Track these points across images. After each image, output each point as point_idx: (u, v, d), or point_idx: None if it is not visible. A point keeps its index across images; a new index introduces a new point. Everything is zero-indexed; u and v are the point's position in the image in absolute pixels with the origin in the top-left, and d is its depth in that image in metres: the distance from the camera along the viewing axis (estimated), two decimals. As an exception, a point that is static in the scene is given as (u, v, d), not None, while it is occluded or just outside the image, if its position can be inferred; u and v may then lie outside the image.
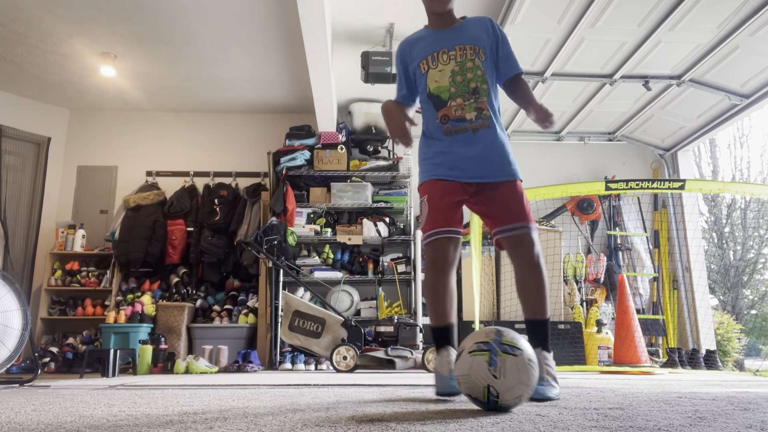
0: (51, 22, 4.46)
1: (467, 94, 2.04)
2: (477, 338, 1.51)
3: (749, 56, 4.23)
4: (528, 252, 1.98)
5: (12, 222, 5.53)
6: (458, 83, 2.06)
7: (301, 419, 1.36)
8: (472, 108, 2.03)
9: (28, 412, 1.56)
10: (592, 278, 5.40)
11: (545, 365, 1.88)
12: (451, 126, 2.04)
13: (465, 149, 2.01)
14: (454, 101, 2.04)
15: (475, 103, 2.03)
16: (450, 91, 2.06)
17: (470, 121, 2.02)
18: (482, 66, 2.08)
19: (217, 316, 5.23)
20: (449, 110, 2.05)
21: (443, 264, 2.01)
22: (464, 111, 2.04)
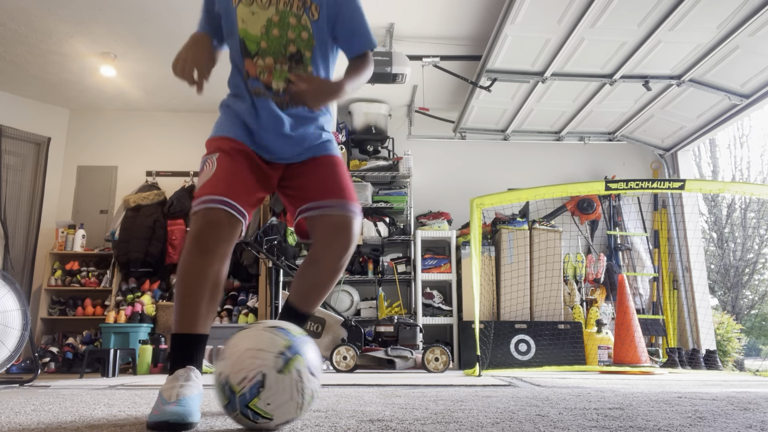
0: (51, 22, 4.45)
1: (281, 57, 1.56)
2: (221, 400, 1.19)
3: (749, 56, 4.23)
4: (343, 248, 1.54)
5: (12, 222, 5.53)
6: (273, 38, 1.55)
7: (302, 419, 1.36)
8: (281, 77, 1.56)
9: (28, 412, 1.56)
10: (592, 278, 5.40)
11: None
12: (255, 86, 1.57)
13: (271, 124, 1.56)
14: (262, 60, 1.56)
15: (288, 71, 1.56)
16: (260, 45, 1.56)
17: (276, 92, 1.56)
18: (311, 27, 1.57)
19: (216, 316, 5.23)
20: (253, 67, 1.56)
21: (212, 244, 1.40)
22: (271, 77, 1.56)
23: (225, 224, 1.42)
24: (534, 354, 4.64)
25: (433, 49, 4.75)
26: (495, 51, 4.33)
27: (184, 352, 1.39)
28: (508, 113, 5.58)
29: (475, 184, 5.55)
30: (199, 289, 1.38)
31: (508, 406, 1.63)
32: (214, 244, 1.40)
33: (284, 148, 1.58)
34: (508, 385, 2.69)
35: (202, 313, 1.39)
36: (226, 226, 1.42)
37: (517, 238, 5.15)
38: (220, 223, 1.41)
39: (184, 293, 1.39)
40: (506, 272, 5.07)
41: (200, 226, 1.40)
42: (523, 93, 5.11)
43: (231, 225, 1.43)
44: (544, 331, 4.71)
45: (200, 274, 1.39)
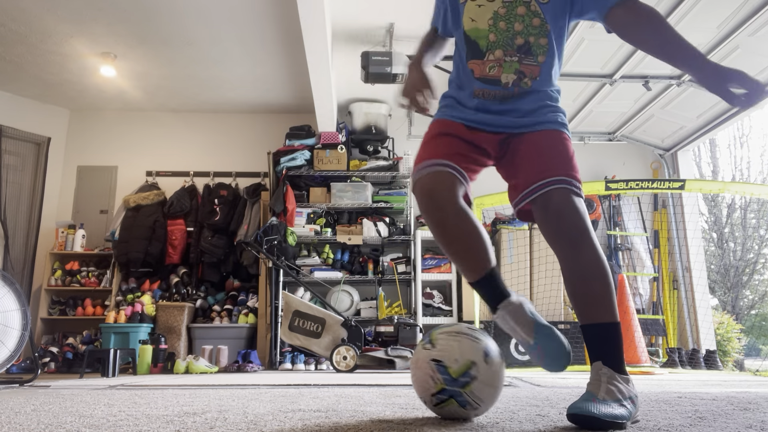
0: (51, 22, 4.45)
1: (510, 50, 1.47)
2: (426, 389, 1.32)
3: (749, 56, 4.23)
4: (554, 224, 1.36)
5: (12, 222, 5.53)
6: (501, 31, 1.47)
7: (301, 419, 1.36)
8: (511, 69, 1.47)
9: (28, 412, 1.56)
10: (592, 278, 5.40)
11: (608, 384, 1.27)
12: (479, 87, 1.50)
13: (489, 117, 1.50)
14: (492, 54, 1.48)
15: (518, 63, 1.47)
16: (488, 39, 1.48)
17: (505, 85, 1.47)
18: (542, 12, 1.47)
19: (217, 316, 5.23)
20: (483, 66, 1.49)
21: (444, 197, 1.38)
22: (501, 69, 1.47)
23: (441, 180, 1.39)
24: (534, 354, 4.64)
25: (433, 49, 4.74)
26: (495, 51, 4.32)
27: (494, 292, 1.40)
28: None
29: (475, 184, 5.51)
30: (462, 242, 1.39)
31: (508, 406, 1.63)
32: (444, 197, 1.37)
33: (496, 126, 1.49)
34: (508, 385, 2.69)
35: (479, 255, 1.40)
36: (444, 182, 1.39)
37: (517, 238, 5.15)
38: (441, 179, 1.38)
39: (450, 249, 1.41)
40: (506, 272, 5.07)
41: (421, 197, 1.40)
42: (523, 93, 5.10)
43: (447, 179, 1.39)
44: (544, 331, 4.71)
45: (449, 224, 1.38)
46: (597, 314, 1.32)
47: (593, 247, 1.34)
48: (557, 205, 1.34)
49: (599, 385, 1.26)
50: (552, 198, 1.35)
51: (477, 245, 1.39)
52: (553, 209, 1.34)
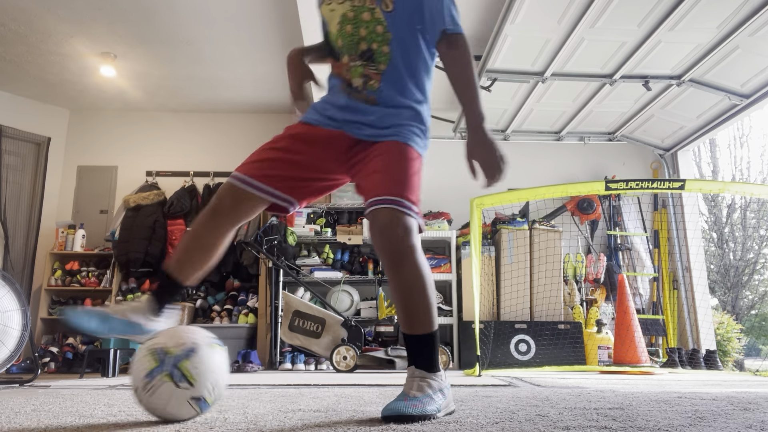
0: (51, 22, 4.45)
1: (354, 55, 1.52)
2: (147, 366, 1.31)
3: (749, 56, 4.23)
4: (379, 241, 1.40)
5: (12, 222, 5.53)
6: (346, 36, 1.51)
7: (301, 419, 1.36)
8: (357, 73, 1.51)
9: (28, 412, 1.56)
10: (592, 278, 5.40)
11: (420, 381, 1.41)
12: (336, 84, 1.58)
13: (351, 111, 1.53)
14: (342, 58, 1.54)
15: (362, 68, 1.51)
16: (337, 44, 1.54)
17: (357, 88, 1.52)
18: (384, 20, 1.48)
19: (217, 316, 5.23)
20: (339, 68, 1.56)
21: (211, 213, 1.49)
22: (350, 74, 1.53)
23: (228, 198, 1.48)
24: (534, 354, 4.64)
25: (433, 49, 4.74)
26: (495, 51, 4.32)
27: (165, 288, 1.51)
28: (508, 113, 5.58)
29: (475, 184, 5.49)
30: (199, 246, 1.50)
31: (508, 406, 1.63)
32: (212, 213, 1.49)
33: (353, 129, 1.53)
34: (508, 385, 2.69)
35: (193, 268, 1.50)
36: (230, 201, 1.48)
37: (517, 238, 5.14)
38: (236, 199, 1.48)
39: (183, 241, 1.52)
40: (506, 272, 5.06)
41: (219, 192, 1.50)
42: (523, 93, 5.11)
43: (237, 199, 1.48)
44: (544, 331, 4.71)
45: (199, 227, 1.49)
46: (415, 327, 1.44)
47: (414, 266, 1.39)
48: (382, 225, 1.38)
49: (412, 385, 1.41)
50: (379, 217, 1.38)
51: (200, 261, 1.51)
52: (378, 228, 1.38)
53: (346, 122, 1.52)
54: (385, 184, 1.41)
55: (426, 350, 1.44)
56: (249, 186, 1.47)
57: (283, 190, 1.50)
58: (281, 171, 1.50)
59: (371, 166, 1.47)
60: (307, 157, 1.52)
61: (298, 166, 1.52)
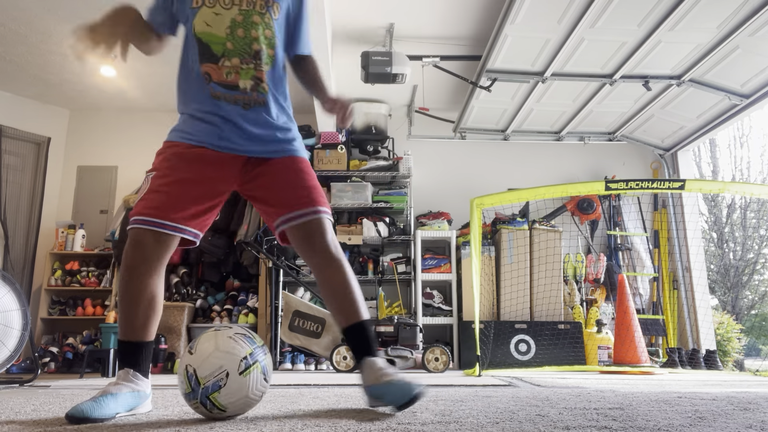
0: (51, 22, 4.46)
1: (247, 57, 1.59)
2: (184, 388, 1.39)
3: (749, 56, 4.23)
4: (323, 242, 1.62)
5: (12, 222, 5.53)
6: (238, 39, 1.59)
7: (301, 419, 1.36)
8: (248, 75, 1.59)
9: (28, 412, 1.56)
10: (592, 278, 5.40)
11: (380, 372, 1.51)
12: (218, 91, 1.59)
13: (233, 121, 1.59)
14: (228, 60, 1.58)
15: (254, 70, 1.59)
16: (225, 47, 1.58)
17: (243, 90, 1.59)
18: (273, 26, 1.64)
19: (217, 316, 5.23)
20: (219, 71, 1.58)
21: (138, 262, 1.50)
22: (238, 76, 1.58)
23: (150, 243, 1.50)
24: (534, 354, 4.64)
25: (433, 49, 4.75)
26: (495, 51, 4.33)
27: (124, 356, 1.52)
28: (508, 113, 5.58)
29: (475, 184, 5.55)
30: (131, 303, 1.51)
31: (508, 406, 1.63)
32: (140, 262, 1.50)
33: (246, 144, 1.60)
34: (508, 385, 2.69)
35: (138, 323, 1.51)
36: (151, 245, 1.50)
37: (517, 238, 5.15)
38: (144, 242, 1.50)
39: (121, 306, 1.53)
40: (506, 272, 5.07)
41: (127, 245, 1.52)
42: (523, 93, 5.11)
43: (158, 242, 1.51)
44: (544, 331, 4.71)
45: (130, 290, 1.50)
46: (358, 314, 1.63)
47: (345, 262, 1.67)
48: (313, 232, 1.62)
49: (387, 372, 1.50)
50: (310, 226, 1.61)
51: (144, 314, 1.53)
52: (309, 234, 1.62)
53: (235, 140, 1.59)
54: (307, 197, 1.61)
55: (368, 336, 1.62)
56: (166, 228, 1.50)
57: (195, 226, 1.57)
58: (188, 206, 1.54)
59: (277, 182, 1.61)
60: (205, 187, 1.57)
61: (200, 198, 1.56)
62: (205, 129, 1.59)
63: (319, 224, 1.62)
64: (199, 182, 1.56)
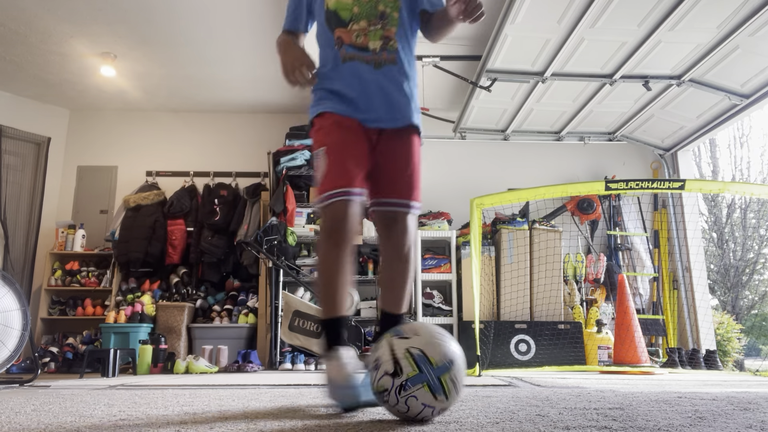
0: (51, 22, 4.45)
1: (374, 18, 1.67)
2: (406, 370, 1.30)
3: (749, 56, 4.23)
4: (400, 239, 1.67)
5: (12, 222, 5.53)
6: (363, 3, 1.68)
7: (301, 419, 1.36)
8: (377, 36, 1.66)
9: (28, 412, 1.56)
10: (592, 278, 5.40)
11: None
12: (349, 52, 1.66)
13: (365, 83, 1.65)
14: (356, 23, 1.67)
15: (382, 30, 1.67)
16: (353, 11, 1.67)
17: (373, 51, 1.65)
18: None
19: (217, 316, 5.23)
20: (349, 33, 1.67)
21: (345, 235, 1.55)
22: (367, 38, 1.66)
23: (352, 214, 1.55)
24: (534, 354, 4.64)
25: (433, 49, 4.75)
26: (495, 51, 4.32)
27: (337, 334, 1.59)
28: (508, 113, 5.58)
29: (475, 184, 5.55)
30: (339, 278, 1.57)
31: (508, 406, 1.63)
32: (346, 235, 1.55)
33: (380, 108, 1.66)
34: (508, 385, 2.69)
35: (344, 297, 1.59)
36: (353, 216, 1.56)
37: (517, 238, 5.14)
38: (347, 214, 1.54)
39: (328, 283, 1.58)
40: (506, 272, 5.06)
41: (331, 222, 1.55)
42: (523, 93, 5.11)
43: (356, 212, 1.57)
44: (544, 331, 4.71)
45: (339, 264, 1.55)
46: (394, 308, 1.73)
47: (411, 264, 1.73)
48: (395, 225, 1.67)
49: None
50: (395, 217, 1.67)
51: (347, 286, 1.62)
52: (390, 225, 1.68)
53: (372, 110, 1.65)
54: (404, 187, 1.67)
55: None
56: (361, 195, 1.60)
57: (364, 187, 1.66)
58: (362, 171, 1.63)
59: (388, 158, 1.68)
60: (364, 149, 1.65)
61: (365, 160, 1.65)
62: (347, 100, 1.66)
63: (403, 219, 1.67)
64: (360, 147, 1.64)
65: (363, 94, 1.65)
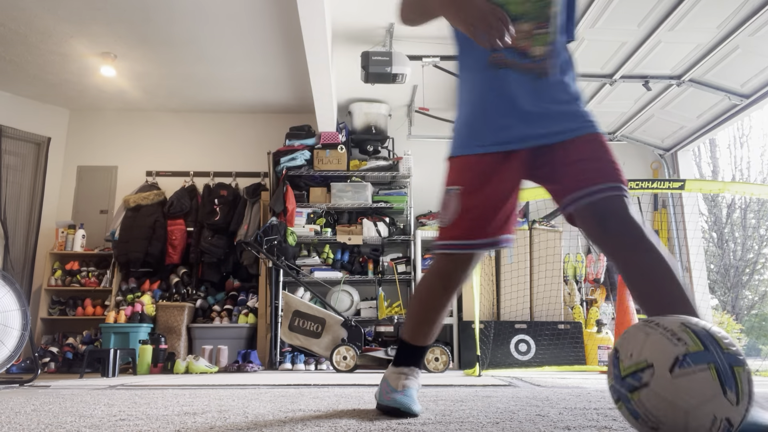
0: (51, 22, 4.45)
1: (543, 21, 1.32)
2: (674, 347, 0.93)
3: (749, 56, 4.23)
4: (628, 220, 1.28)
5: (12, 222, 5.53)
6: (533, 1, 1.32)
7: (301, 419, 1.36)
8: (543, 41, 1.32)
9: (28, 412, 1.56)
10: (592, 278, 5.40)
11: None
12: (506, 57, 1.34)
13: (524, 95, 1.34)
14: (523, 24, 1.32)
15: (549, 36, 1.32)
16: (523, 7, 1.32)
17: (535, 59, 1.33)
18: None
19: (217, 316, 5.23)
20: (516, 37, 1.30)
21: (457, 282, 1.47)
22: (531, 43, 1.32)
23: (469, 263, 1.45)
24: (534, 354, 4.64)
25: (433, 49, 4.75)
26: (495, 51, 4.32)
27: (412, 357, 1.56)
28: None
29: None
30: (438, 315, 1.52)
31: (508, 406, 1.63)
32: (458, 281, 1.48)
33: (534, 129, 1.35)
34: (508, 385, 2.69)
35: (435, 331, 1.54)
36: (470, 264, 1.46)
37: (517, 238, 5.15)
38: (465, 263, 1.44)
39: (425, 315, 1.52)
40: (506, 272, 5.07)
41: (446, 266, 1.46)
42: (523, 93, 5.10)
43: (474, 260, 1.47)
44: (544, 331, 4.71)
45: (442, 305, 1.50)
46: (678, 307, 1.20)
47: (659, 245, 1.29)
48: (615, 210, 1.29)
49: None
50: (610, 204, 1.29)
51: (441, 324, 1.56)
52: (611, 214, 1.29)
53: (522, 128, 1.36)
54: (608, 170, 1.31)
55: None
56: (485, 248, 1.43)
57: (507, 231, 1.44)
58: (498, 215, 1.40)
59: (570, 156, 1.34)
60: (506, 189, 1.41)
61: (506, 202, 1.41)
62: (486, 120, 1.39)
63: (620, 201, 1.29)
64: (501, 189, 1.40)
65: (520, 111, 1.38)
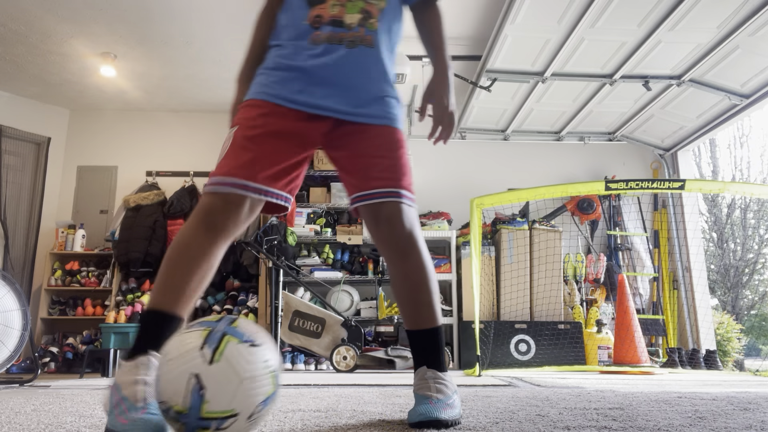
0: (51, 22, 4.45)
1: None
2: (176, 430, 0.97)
3: (749, 56, 4.23)
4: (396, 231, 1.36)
5: (12, 222, 5.53)
6: None
7: (301, 419, 1.36)
8: (356, 8, 1.37)
9: (28, 412, 1.56)
10: (592, 278, 5.40)
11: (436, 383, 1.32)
12: (325, 33, 1.35)
13: (330, 67, 1.34)
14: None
15: (362, 2, 1.38)
16: None
17: (349, 26, 1.35)
18: None
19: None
20: (325, 8, 1.36)
21: (221, 228, 1.24)
22: (344, 10, 1.36)
23: (238, 208, 1.25)
24: (534, 354, 4.64)
25: (433, 49, 4.75)
26: (495, 51, 4.33)
27: (153, 334, 1.15)
28: (508, 113, 5.58)
29: (475, 184, 5.55)
30: (193, 265, 1.21)
31: (508, 406, 1.63)
32: (223, 227, 1.24)
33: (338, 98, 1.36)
34: (508, 385, 2.69)
35: (187, 292, 1.20)
36: (239, 210, 1.25)
37: (517, 238, 5.15)
38: (233, 205, 1.25)
39: (175, 266, 1.21)
40: (506, 272, 5.07)
41: (211, 201, 1.25)
42: (523, 93, 5.11)
43: (245, 205, 1.26)
44: (544, 331, 4.71)
45: (200, 249, 1.22)
46: (422, 321, 1.38)
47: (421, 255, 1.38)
48: (388, 216, 1.36)
49: (429, 386, 1.32)
50: (383, 209, 1.36)
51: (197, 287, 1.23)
52: (384, 219, 1.36)
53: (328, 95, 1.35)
54: (386, 176, 1.37)
55: (435, 346, 1.37)
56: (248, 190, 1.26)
57: (282, 188, 1.33)
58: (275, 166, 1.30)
59: (362, 152, 1.39)
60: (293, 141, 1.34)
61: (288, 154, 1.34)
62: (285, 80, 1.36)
63: (395, 209, 1.35)
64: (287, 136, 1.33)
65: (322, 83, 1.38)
